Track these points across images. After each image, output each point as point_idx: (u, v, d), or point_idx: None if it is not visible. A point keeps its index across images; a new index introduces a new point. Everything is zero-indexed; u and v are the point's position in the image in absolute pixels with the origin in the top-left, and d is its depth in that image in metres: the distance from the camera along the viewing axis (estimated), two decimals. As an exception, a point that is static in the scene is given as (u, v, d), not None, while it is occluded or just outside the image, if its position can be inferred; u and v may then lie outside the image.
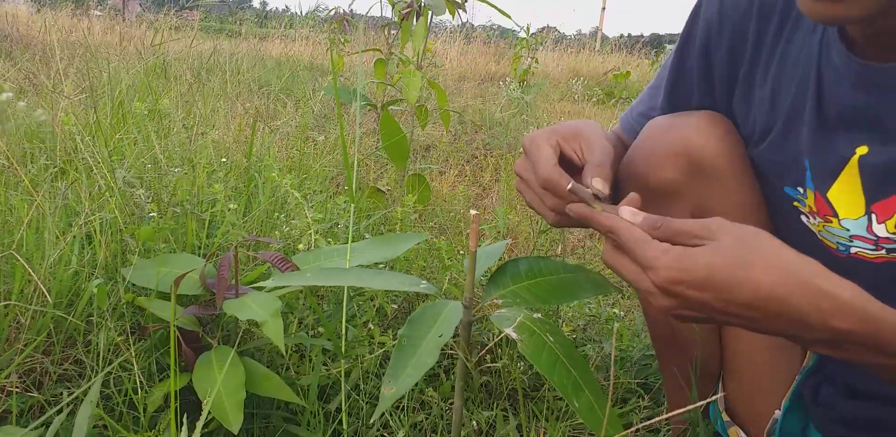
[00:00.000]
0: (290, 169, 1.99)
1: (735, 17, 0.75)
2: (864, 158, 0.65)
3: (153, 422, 0.89)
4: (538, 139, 0.71)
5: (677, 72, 0.84)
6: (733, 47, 0.77)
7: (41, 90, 2.26)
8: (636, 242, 0.56)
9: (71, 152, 1.45)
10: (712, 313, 0.54)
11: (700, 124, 0.78)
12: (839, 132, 0.67)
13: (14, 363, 0.83)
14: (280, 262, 0.98)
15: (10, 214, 1.16)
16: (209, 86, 2.69)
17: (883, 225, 0.65)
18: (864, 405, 0.73)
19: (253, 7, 28.31)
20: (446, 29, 8.61)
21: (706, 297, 0.52)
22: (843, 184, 0.67)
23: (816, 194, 0.70)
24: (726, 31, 0.77)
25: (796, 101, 0.71)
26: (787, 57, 0.72)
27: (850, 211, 0.68)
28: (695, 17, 0.80)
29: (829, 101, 0.67)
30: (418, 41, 2.00)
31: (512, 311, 0.74)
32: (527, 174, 0.72)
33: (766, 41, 0.73)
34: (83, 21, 5.72)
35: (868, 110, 0.63)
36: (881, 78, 0.61)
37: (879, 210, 0.65)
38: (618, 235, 0.58)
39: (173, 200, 1.33)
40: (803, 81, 0.69)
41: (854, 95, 0.64)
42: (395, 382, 0.64)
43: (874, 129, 0.64)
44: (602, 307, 1.39)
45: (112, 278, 1.05)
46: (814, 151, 0.69)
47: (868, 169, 0.65)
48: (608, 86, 6.38)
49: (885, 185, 0.64)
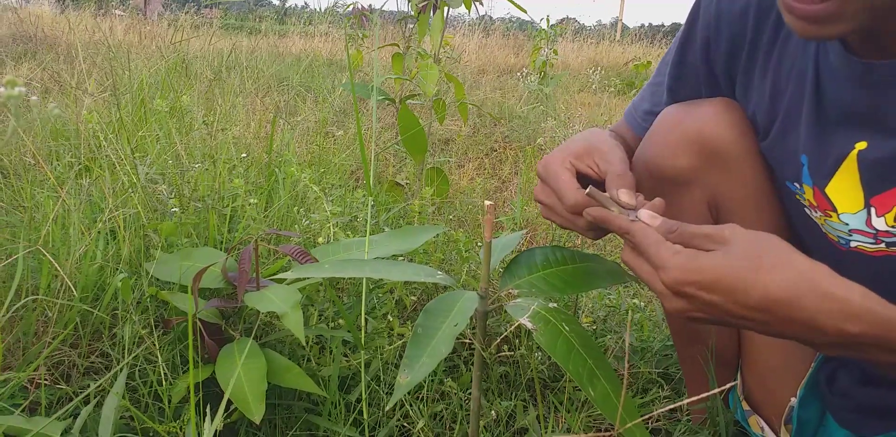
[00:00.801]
0: (311, 164, 2.00)
1: (733, 16, 0.76)
2: (864, 152, 0.65)
3: (178, 413, 0.90)
4: (552, 165, 0.71)
5: (678, 71, 0.84)
6: (732, 46, 0.77)
7: (66, 89, 2.30)
8: (649, 243, 0.58)
9: (94, 150, 1.48)
10: (724, 316, 0.54)
11: (713, 112, 0.78)
12: (838, 128, 0.67)
13: (42, 356, 0.85)
14: (299, 255, 0.99)
15: (36, 211, 1.19)
16: (229, 82, 2.71)
17: (882, 218, 0.65)
18: (880, 393, 0.73)
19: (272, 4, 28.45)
20: (465, 22, 8.59)
21: (716, 299, 0.53)
22: (841, 179, 0.68)
23: (815, 190, 0.71)
24: (724, 30, 0.77)
25: (795, 98, 0.71)
26: (785, 55, 0.72)
27: (848, 205, 0.68)
28: (694, 16, 0.80)
29: (828, 98, 0.68)
30: (436, 35, 2.01)
31: (527, 301, 0.74)
32: (550, 200, 0.73)
33: (764, 39, 0.74)
34: (106, 21, 5.78)
35: (867, 107, 0.64)
36: (879, 75, 0.61)
37: (878, 204, 0.65)
38: (632, 236, 0.60)
39: (195, 196, 1.35)
40: (801, 79, 0.70)
41: (852, 91, 0.64)
42: (410, 371, 0.65)
43: (873, 124, 0.64)
44: (622, 298, 1.39)
45: (136, 273, 1.07)
46: (811, 148, 0.70)
47: (867, 163, 0.65)
48: (629, 76, 6.32)
49: (885, 178, 0.64)
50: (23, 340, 0.92)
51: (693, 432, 0.92)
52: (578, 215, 0.69)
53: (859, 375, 0.76)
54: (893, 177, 0.63)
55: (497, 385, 1.07)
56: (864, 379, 0.75)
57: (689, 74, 0.83)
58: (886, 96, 0.62)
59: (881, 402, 0.72)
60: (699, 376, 0.92)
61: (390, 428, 0.94)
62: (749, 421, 0.87)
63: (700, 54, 0.80)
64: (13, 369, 0.87)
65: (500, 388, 1.08)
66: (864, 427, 0.74)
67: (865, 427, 0.74)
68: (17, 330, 0.92)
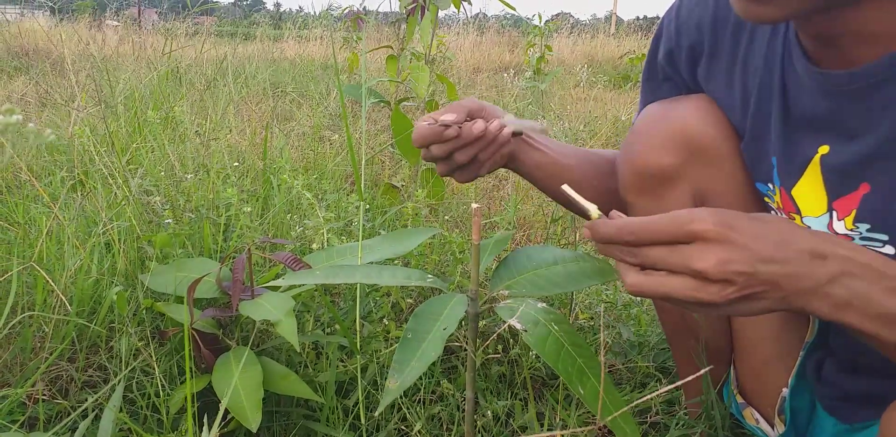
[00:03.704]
0: (306, 169, 2.01)
1: (689, 27, 0.79)
2: (826, 157, 0.66)
3: (176, 424, 0.91)
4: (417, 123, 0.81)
5: (651, 85, 0.88)
6: (692, 54, 0.80)
7: (59, 104, 2.31)
8: (656, 228, 0.51)
9: (87, 164, 1.49)
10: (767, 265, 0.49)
11: (695, 107, 0.79)
12: (803, 133, 0.68)
13: (39, 371, 0.86)
14: (293, 262, 1.00)
15: (31, 227, 1.19)
16: (223, 91, 2.72)
17: (842, 222, 0.66)
18: (866, 381, 0.73)
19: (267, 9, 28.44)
20: (458, 21, 8.59)
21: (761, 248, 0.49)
22: (806, 182, 0.69)
23: (782, 191, 0.72)
24: (684, 41, 0.80)
25: (763, 103, 0.72)
26: (749, 61, 0.74)
27: (812, 208, 0.69)
28: (658, 33, 0.85)
29: (794, 103, 0.69)
30: (426, 36, 2.01)
31: (517, 301, 0.75)
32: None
33: (724, 46, 0.76)
34: (100, 32, 5.80)
35: (829, 113, 0.65)
36: (835, 84, 0.62)
37: (839, 207, 0.66)
38: (631, 231, 0.52)
39: (189, 206, 1.36)
40: (769, 84, 0.71)
41: (814, 98, 0.66)
42: (399, 375, 0.65)
43: (835, 130, 0.65)
44: (619, 293, 1.39)
45: (132, 285, 1.08)
46: (780, 150, 0.71)
47: (829, 167, 0.66)
48: (624, 69, 6.32)
49: (845, 182, 0.65)
50: (20, 356, 0.93)
51: (689, 426, 0.92)
52: (429, 149, 0.80)
53: (846, 364, 0.76)
54: (853, 181, 0.64)
55: (495, 385, 1.08)
56: (850, 368, 0.75)
57: (662, 88, 0.87)
58: (843, 104, 0.63)
59: (867, 390, 0.72)
60: (693, 370, 0.92)
61: (388, 431, 0.94)
62: (744, 414, 0.87)
63: (667, 65, 0.84)
64: (11, 385, 0.88)
65: (497, 387, 1.08)
66: (853, 416, 0.74)
67: (854, 416, 0.74)
68: (15, 346, 0.93)
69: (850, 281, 0.49)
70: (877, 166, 0.62)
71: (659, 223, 0.50)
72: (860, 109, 0.61)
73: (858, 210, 0.64)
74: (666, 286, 0.50)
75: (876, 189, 0.62)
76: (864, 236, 0.65)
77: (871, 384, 0.72)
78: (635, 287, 0.52)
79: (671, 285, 0.50)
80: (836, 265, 0.49)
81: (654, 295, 0.51)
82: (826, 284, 0.49)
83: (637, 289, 0.52)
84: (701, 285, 0.49)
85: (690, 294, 0.49)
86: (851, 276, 0.49)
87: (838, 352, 0.77)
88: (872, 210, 0.63)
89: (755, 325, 0.84)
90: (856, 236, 0.65)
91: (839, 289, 0.49)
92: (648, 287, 0.51)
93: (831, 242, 0.51)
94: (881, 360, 0.57)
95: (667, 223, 0.50)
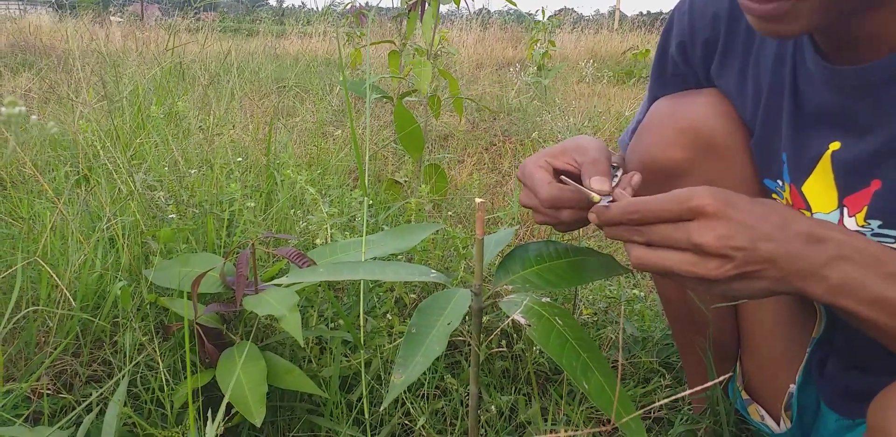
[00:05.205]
0: (309, 165, 2.01)
1: (705, 21, 0.78)
2: (837, 153, 0.66)
3: (180, 418, 0.91)
4: (528, 167, 0.72)
5: (661, 81, 0.87)
6: (705, 49, 0.79)
7: (63, 99, 2.31)
8: (659, 206, 0.53)
9: (91, 159, 1.49)
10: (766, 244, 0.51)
11: (705, 102, 0.78)
12: (814, 129, 0.68)
13: (44, 366, 0.86)
14: (297, 257, 1.00)
15: (35, 222, 1.19)
16: (226, 86, 2.72)
17: (853, 218, 0.66)
18: (868, 378, 0.73)
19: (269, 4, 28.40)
20: (462, 17, 8.57)
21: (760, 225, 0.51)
22: (816, 178, 0.68)
23: (792, 187, 0.72)
24: (698, 35, 0.79)
25: (774, 99, 0.72)
26: (761, 57, 0.73)
27: (823, 205, 0.69)
28: (669, 26, 0.83)
29: (805, 99, 0.68)
30: (427, 31, 2.00)
31: (521, 296, 0.74)
32: (532, 202, 0.72)
33: (738, 42, 0.75)
34: (104, 28, 5.80)
35: (840, 109, 0.64)
36: (846, 80, 0.62)
37: (850, 204, 0.66)
38: (635, 209, 0.54)
39: (192, 202, 1.36)
40: (780, 80, 0.71)
41: (826, 95, 0.65)
42: (404, 370, 0.65)
43: (846, 126, 0.65)
44: (623, 288, 1.39)
45: (135, 280, 1.08)
46: (791, 146, 0.71)
47: (840, 163, 0.66)
48: (627, 65, 6.30)
49: (856, 179, 0.65)
50: (24, 350, 0.93)
51: (694, 421, 0.92)
52: (561, 210, 0.69)
53: (849, 361, 0.76)
54: (864, 178, 0.64)
55: (498, 380, 1.08)
56: (852, 365, 0.75)
57: (672, 83, 0.85)
58: (855, 101, 0.62)
59: (868, 387, 0.72)
60: (699, 366, 0.92)
61: (392, 426, 0.94)
62: (749, 410, 0.87)
63: (679, 59, 0.82)
64: (16, 379, 0.88)
65: (501, 382, 1.08)
66: (854, 412, 0.74)
67: (855, 412, 0.74)
68: (19, 341, 0.93)
69: (846, 265, 0.51)
70: (888, 163, 0.61)
71: (661, 201, 0.53)
72: (871, 105, 0.61)
73: (870, 207, 0.64)
74: (668, 260, 0.52)
75: (887, 185, 0.62)
76: (875, 232, 0.64)
77: (871, 382, 0.72)
78: (639, 260, 0.54)
79: (673, 259, 0.52)
80: (833, 249, 0.51)
81: (656, 269, 0.53)
82: (823, 266, 0.50)
83: (640, 262, 0.54)
84: (700, 259, 0.51)
85: (690, 269, 0.51)
86: (848, 260, 0.51)
87: (841, 348, 0.77)
88: (884, 206, 0.63)
89: (763, 321, 0.84)
90: (867, 232, 0.65)
91: (835, 272, 0.50)
92: (650, 261, 0.53)
93: (828, 227, 0.52)
94: (883, 357, 0.57)
95: (668, 200, 0.52)
